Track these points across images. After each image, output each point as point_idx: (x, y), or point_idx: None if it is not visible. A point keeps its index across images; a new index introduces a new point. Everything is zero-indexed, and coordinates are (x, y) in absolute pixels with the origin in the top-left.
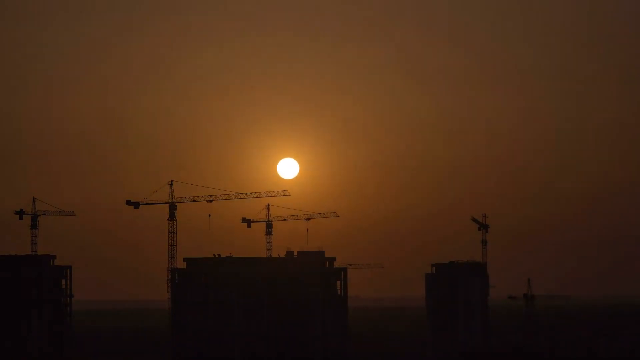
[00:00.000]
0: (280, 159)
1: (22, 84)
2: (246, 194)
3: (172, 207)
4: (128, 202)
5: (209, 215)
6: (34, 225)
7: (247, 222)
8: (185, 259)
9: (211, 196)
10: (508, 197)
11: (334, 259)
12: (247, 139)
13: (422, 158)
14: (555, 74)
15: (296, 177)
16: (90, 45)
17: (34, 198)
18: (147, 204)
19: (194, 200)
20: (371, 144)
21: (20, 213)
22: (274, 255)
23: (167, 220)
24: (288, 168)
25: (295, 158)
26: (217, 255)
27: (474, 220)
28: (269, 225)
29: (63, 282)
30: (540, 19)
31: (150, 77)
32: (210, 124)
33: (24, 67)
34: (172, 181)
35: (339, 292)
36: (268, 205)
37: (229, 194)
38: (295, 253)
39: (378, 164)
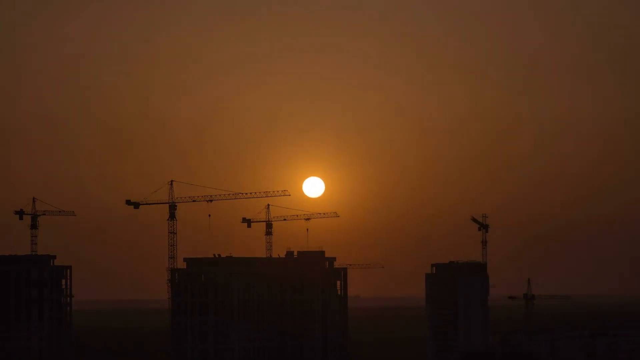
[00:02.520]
0: (306, 177)
1: (21, 84)
2: (246, 194)
3: (172, 207)
4: (128, 202)
5: (209, 215)
6: (34, 225)
7: (247, 222)
8: (185, 259)
9: (211, 196)
10: (508, 197)
11: (334, 259)
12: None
13: (422, 158)
14: (554, 75)
15: (322, 195)
16: (90, 46)
17: (34, 198)
18: (147, 204)
19: (194, 200)
20: (371, 144)
21: (20, 213)
22: (274, 255)
23: (167, 220)
24: (313, 187)
25: (321, 177)
26: (217, 255)
27: (474, 220)
28: (269, 225)
29: (63, 282)
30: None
31: (151, 78)
32: (211, 124)
33: (23, 67)
34: (172, 181)
35: (339, 292)
36: (268, 205)
37: (229, 194)
38: (295, 253)
39: (378, 164)
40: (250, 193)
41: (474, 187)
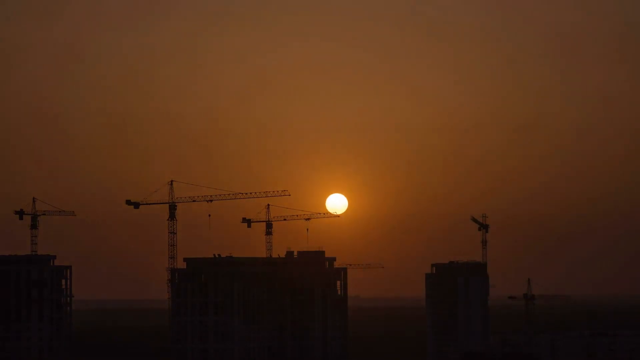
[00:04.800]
0: (330, 193)
1: (21, 84)
2: (246, 194)
3: (172, 207)
4: (128, 202)
5: (209, 215)
6: (34, 225)
7: (247, 222)
8: (185, 259)
9: (211, 196)
10: (508, 197)
11: (334, 259)
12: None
13: (422, 158)
14: (553, 80)
15: (345, 212)
16: (90, 46)
17: (34, 198)
18: (147, 204)
19: (194, 200)
20: (371, 144)
21: (20, 213)
22: (274, 255)
23: (167, 220)
24: (337, 203)
25: (344, 193)
26: (217, 255)
27: (474, 220)
28: (269, 225)
29: (63, 282)
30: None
31: (152, 77)
32: (210, 124)
33: (24, 66)
34: (172, 181)
35: (339, 292)
36: (268, 205)
37: (229, 194)
38: (295, 253)
39: (377, 164)
40: (250, 193)
41: (474, 187)
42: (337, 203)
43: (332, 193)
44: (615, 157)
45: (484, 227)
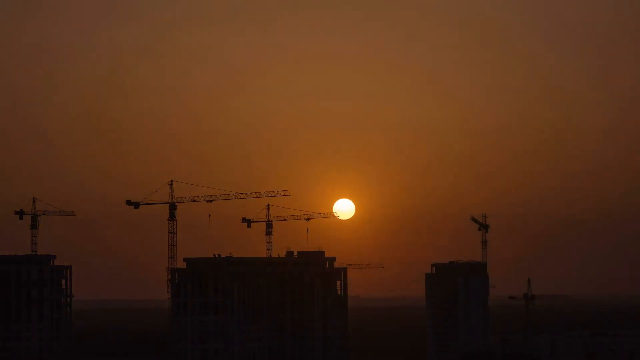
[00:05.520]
0: (330, 193)
1: (21, 84)
2: (246, 194)
3: (172, 207)
4: (128, 202)
5: (209, 215)
6: (34, 225)
7: (247, 222)
8: (185, 259)
9: (211, 196)
10: (508, 197)
11: (334, 259)
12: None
13: (422, 158)
14: (551, 79)
15: (353, 217)
16: (90, 45)
17: (34, 198)
18: (147, 204)
19: (194, 200)
20: (371, 143)
21: (20, 213)
22: (274, 255)
23: (167, 220)
24: (344, 208)
25: (351, 198)
26: (217, 255)
27: (474, 220)
28: (269, 225)
29: (63, 282)
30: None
31: (152, 78)
32: (211, 124)
33: (23, 66)
34: (172, 181)
35: (339, 292)
36: (268, 205)
37: (229, 194)
38: (295, 253)
39: (377, 163)
40: (250, 193)
41: (474, 187)
42: (344, 208)
43: (332, 193)
44: (615, 158)
45: (484, 227)
